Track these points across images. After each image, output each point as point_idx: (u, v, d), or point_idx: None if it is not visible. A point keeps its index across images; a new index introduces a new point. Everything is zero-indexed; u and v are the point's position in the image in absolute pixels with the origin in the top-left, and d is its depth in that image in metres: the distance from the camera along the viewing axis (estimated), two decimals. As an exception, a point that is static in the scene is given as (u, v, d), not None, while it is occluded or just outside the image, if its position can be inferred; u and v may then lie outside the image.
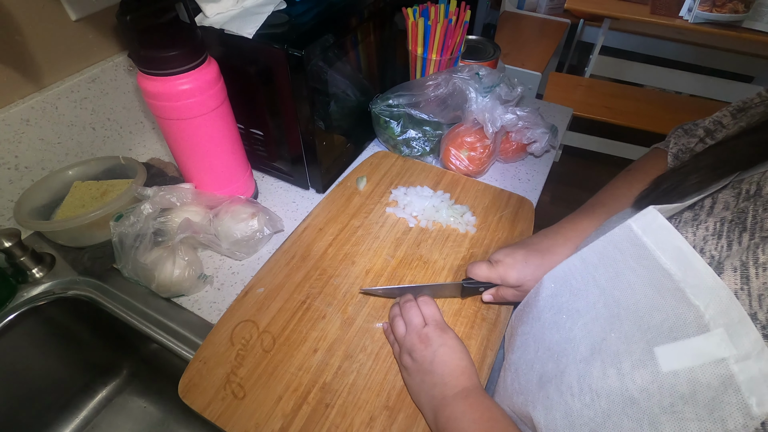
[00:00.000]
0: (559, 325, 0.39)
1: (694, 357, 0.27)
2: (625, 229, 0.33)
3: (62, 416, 0.71)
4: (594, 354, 0.34)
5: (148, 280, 0.56)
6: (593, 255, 0.37)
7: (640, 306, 0.31)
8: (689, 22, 1.57)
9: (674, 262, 0.30)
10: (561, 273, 0.41)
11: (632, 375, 0.30)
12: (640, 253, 0.32)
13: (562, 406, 0.35)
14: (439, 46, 0.72)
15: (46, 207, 0.63)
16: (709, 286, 0.27)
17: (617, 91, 1.97)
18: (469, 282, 0.54)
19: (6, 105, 0.59)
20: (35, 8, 0.58)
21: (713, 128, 0.46)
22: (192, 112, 0.55)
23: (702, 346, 0.27)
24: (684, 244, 0.30)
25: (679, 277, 0.29)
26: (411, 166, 0.77)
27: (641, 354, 0.30)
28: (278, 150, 0.71)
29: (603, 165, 2.11)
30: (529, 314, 0.45)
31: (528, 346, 0.43)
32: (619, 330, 0.32)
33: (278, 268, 0.60)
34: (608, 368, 0.32)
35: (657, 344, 0.29)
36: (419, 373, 0.46)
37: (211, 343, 0.52)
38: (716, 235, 0.31)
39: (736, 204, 0.32)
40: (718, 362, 0.26)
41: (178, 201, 0.59)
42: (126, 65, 0.71)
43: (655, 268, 0.31)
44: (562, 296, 0.40)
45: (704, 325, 0.27)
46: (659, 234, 0.31)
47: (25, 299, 0.58)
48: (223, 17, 0.58)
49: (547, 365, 0.39)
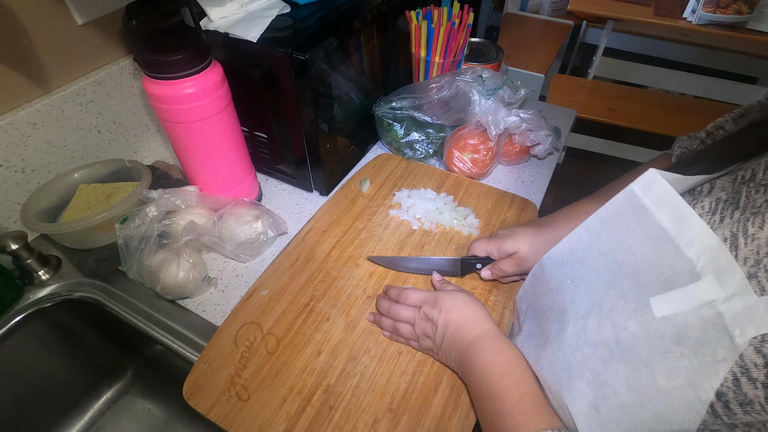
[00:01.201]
0: (562, 290, 0.41)
1: (685, 302, 0.29)
2: (627, 192, 0.35)
3: (67, 417, 0.71)
4: (590, 311, 0.36)
5: (153, 282, 0.56)
6: (597, 223, 0.39)
7: (639, 266, 0.33)
8: (693, 23, 1.57)
9: (671, 218, 0.32)
10: (566, 244, 0.43)
11: (625, 324, 0.32)
12: (639, 214, 0.34)
13: (563, 360, 0.37)
14: (442, 48, 0.73)
15: (52, 209, 0.63)
16: (700, 237, 0.30)
17: (620, 92, 1.96)
18: (468, 259, 0.57)
19: (13, 108, 0.60)
20: (42, 13, 0.59)
21: (713, 131, 0.48)
22: (197, 115, 0.55)
23: (693, 292, 0.29)
24: (680, 200, 0.32)
25: (674, 232, 0.31)
26: (414, 168, 0.77)
27: (636, 305, 0.32)
28: (282, 152, 0.72)
29: (606, 167, 2.11)
30: (540, 289, 0.47)
31: (541, 317, 0.45)
32: (617, 288, 0.35)
33: (282, 270, 0.60)
34: (603, 321, 0.34)
35: (652, 296, 0.31)
36: (440, 347, 0.48)
37: (216, 345, 0.52)
38: (711, 212, 0.33)
39: (732, 188, 0.34)
40: (707, 304, 0.28)
41: (183, 203, 0.60)
42: (131, 69, 0.72)
43: (653, 226, 0.33)
44: (568, 265, 0.42)
45: (696, 274, 0.29)
46: (658, 192, 0.33)
47: (31, 301, 0.59)
48: (228, 21, 0.59)
49: (551, 328, 0.41)
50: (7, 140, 0.59)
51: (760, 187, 0.32)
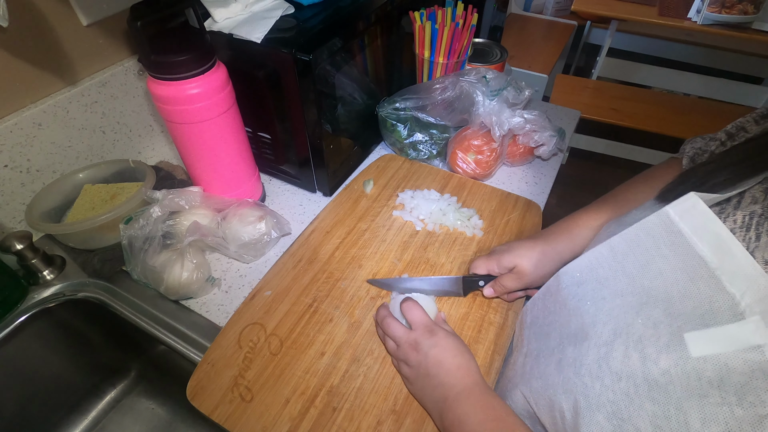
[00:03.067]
0: (582, 312, 0.39)
1: (726, 343, 0.27)
2: (662, 215, 0.33)
3: (71, 417, 0.71)
4: (616, 338, 0.33)
5: (156, 282, 0.56)
6: (623, 243, 0.36)
7: (671, 293, 0.31)
8: (698, 23, 1.56)
9: (711, 248, 0.29)
10: (587, 262, 0.40)
11: (657, 359, 0.30)
12: (674, 240, 0.32)
13: (581, 387, 0.35)
14: (446, 49, 0.72)
15: (56, 210, 0.63)
16: (747, 273, 0.27)
17: (625, 93, 1.96)
18: (470, 276, 0.56)
19: (19, 109, 0.60)
20: (47, 14, 0.59)
21: (735, 132, 0.45)
22: (201, 116, 0.55)
23: (736, 332, 0.26)
24: (724, 230, 0.29)
25: (715, 264, 0.29)
26: (418, 169, 0.77)
27: (669, 339, 0.30)
28: (286, 153, 0.72)
29: (611, 167, 2.10)
30: (552, 304, 0.45)
31: (551, 335, 0.43)
32: (646, 316, 0.32)
33: (285, 271, 0.60)
34: (631, 351, 0.32)
35: (687, 331, 0.29)
36: (418, 378, 0.46)
37: (219, 346, 0.52)
38: (745, 228, 0.31)
39: (765, 198, 0.32)
40: (753, 349, 0.26)
41: (187, 204, 0.60)
42: (136, 69, 0.72)
43: (690, 254, 0.31)
44: (587, 285, 0.40)
45: (739, 312, 0.27)
46: (697, 219, 0.31)
47: (35, 301, 0.59)
48: (232, 22, 0.59)
49: (566, 350, 0.38)
50: (13, 141, 0.59)
51: None
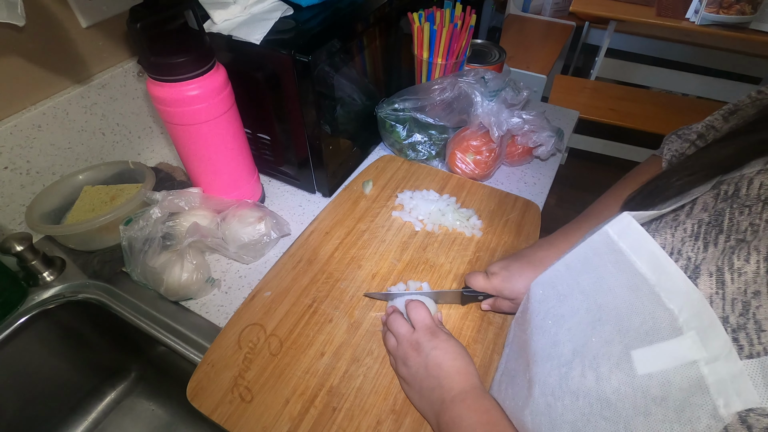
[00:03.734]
0: (544, 330, 0.39)
1: (667, 360, 0.27)
2: (603, 234, 0.33)
3: (71, 418, 0.71)
4: (575, 357, 0.34)
5: (156, 283, 0.56)
6: (576, 261, 0.37)
7: (620, 310, 0.31)
8: (695, 23, 1.57)
9: (649, 266, 0.30)
10: (548, 279, 0.41)
11: (609, 377, 0.30)
12: (617, 258, 0.32)
13: (545, 408, 0.35)
14: (445, 50, 0.73)
15: (56, 211, 0.64)
16: (682, 290, 0.28)
17: (623, 93, 1.96)
18: (469, 290, 0.55)
19: (18, 111, 0.60)
20: (46, 16, 0.59)
21: (705, 132, 0.45)
22: (200, 118, 0.55)
23: (675, 349, 0.27)
24: (657, 248, 0.30)
25: (654, 281, 0.29)
26: (417, 169, 0.77)
27: (619, 357, 0.30)
28: (285, 154, 0.72)
29: (609, 167, 2.10)
30: (524, 321, 0.45)
31: (521, 352, 0.43)
32: (600, 333, 0.32)
33: (285, 271, 0.60)
34: (587, 371, 0.32)
35: (634, 347, 0.29)
36: (416, 380, 0.46)
37: (219, 347, 0.52)
38: (693, 237, 0.31)
39: (714, 205, 0.32)
40: (690, 365, 0.26)
41: (187, 205, 0.60)
42: (135, 71, 0.72)
43: (632, 272, 0.31)
44: (549, 301, 0.40)
45: (678, 328, 0.27)
46: (634, 238, 0.31)
47: (35, 302, 0.59)
48: (231, 24, 0.59)
49: (534, 369, 0.39)
50: (12, 142, 0.59)
51: (744, 208, 0.29)
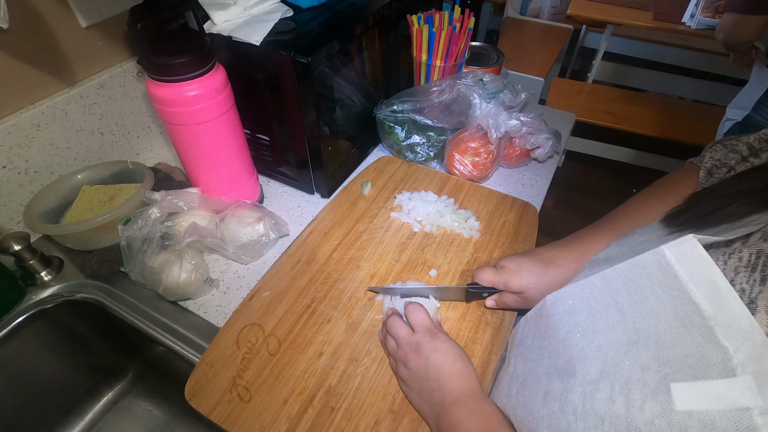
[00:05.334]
0: (571, 344, 0.37)
1: (713, 401, 0.25)
2: (658, 255, 0.30)
3: (68, 418, 0.71)
4: (603, 377, 0.32)
5: (155, 283, 0.56)
6: (617, 277, 0.34)
7: (662, 336, 0.29)
8: (692, 27, 1.58)
9: (707, 297, 0.27)
10: (580, 291, 0.38)
11: (641, 406, 0.28)
12: (669, 282, 0.29)
13: (564, 425, 0.33)
14: (444, 52, 0.73)
15: (55, 211, 0.64)
16: (742, 328, 0.25)
17: (620, 96, 1.98)
18: (474, 287, 0.55)
19: (17, 110, 0.60)
20: (46, 15, 0.59)
21: (759, 147, 0.41)
22: (200, 118, 0.55)
23: (725, 390, 0.25)
24: (722, 279, 0.27)
25: (709, 313, 0.27)
26: (415, 171, 0.77)
27: (655, 386, 0.28)
28: (284, 155, 0.72)
29: (606, 170, 2.11)
30: (544, 329, 0.44)
31: (540, 361, 0.42)
32: (635, 357, 0.30)
33: (284, 272, 0.61)
34: (616, 395, 0.30)
35: (674, 380, 0.27)
36: (416, 381, 0.46)
37: (218, 347, 0.52)
38: (750, 268, 0.29)
39: None
40: (741, 411, 0.24)
41: (185, 205, 0.60)
42: (134, 71, 0.72)
43: (685, 300, 0.28)
44: (579, 315, 0.38)
45: (731, 369, 0.25)
46: (695, 265, 0.28)
47: (33, 302, 0.59)
48: (231, 24, 0.59)
49: (553, 382, 0.37)
50: (11, 142, 0.59)
51: None
